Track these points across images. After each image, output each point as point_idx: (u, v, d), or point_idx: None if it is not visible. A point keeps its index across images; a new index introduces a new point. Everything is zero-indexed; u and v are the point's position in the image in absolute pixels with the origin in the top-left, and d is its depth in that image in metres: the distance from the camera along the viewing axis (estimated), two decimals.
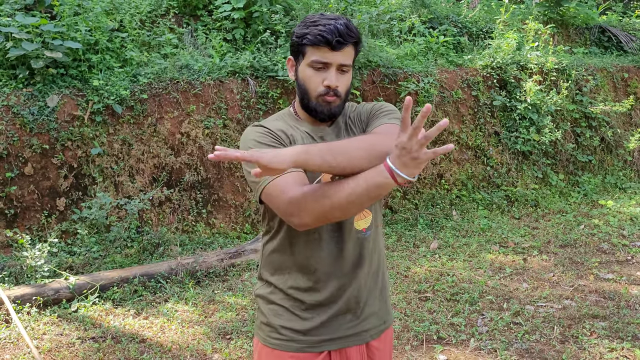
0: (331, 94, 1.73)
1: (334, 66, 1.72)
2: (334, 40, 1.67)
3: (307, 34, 1.71)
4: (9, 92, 5.19)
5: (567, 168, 7.89)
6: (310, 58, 1.73)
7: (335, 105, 1.76)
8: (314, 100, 1.76)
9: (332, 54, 1.70)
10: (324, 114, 1.76)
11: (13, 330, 3.91)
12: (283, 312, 1.82)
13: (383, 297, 1.91)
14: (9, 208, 5.01)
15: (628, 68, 9.16)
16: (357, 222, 1.79)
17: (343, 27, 1.69)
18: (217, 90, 6.02)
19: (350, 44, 1.72)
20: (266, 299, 1.86)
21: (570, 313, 4.24)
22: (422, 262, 5.27)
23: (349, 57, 1.74)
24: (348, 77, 1.77)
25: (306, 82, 1.76)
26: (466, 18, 9.20)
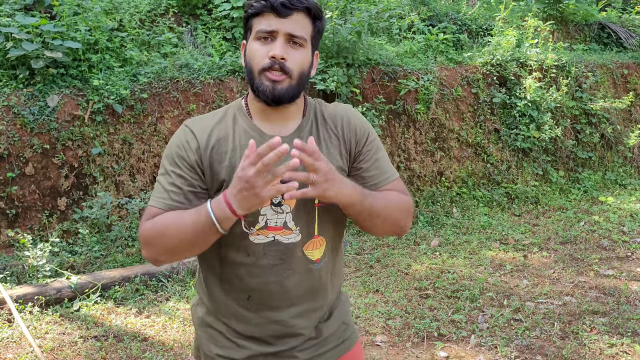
0: (277, 69, 1.47)
1: (282, 35, 1.48)
2: (278, 2, 1.46)
3: (252, 4, 1.51)
4: (9, 93, 5.20)
5: (567, 165, 7.90)
6: (255, 29, 1.51)
7: (283, 87, 1.48)
8: (257, 78, 1.50)
9: (278, 21, 1.47)
10: (265, 95, 1.49)
11: (16, 329, 3.92)
12: (219, 337, 1.64)
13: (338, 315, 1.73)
14: (10, 208, 5.03)
15: (628, 64, 9.16)
16: (309, 251, 1.59)
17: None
18: (217, 89, 6.03)
19: (301, 10, 1.49)
20: (201, 320, 1.70)
21: (571, 309, 4.25)
22: (423, 260, 5.28)
23: (301, 28, 1.49)
24: (302, 54, 1.51)
25: (251, 57, 1.51)
26: (466, 15, 9.20)
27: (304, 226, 1.57)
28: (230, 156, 1.54)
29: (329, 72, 6.32)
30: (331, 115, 1.64)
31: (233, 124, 1.58)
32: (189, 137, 1.55)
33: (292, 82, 1.50)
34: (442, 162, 7.08)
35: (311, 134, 1.59)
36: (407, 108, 6.90)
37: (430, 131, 7.07)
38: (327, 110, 1.66)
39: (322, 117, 1.63)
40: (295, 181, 1.30)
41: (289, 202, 1.55)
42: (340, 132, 1.61)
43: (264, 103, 1.52)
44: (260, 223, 1.55)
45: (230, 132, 1.57)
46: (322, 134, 1.61)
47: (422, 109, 6.94)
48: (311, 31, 1.53)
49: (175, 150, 1.55)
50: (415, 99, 6.97)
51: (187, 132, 1.56)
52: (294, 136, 1.57)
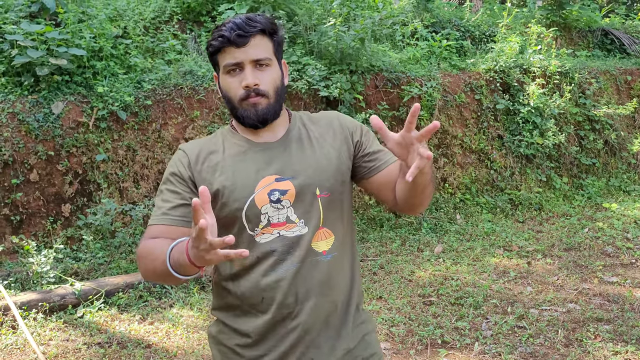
0: (253, 95, 1.56)
1: (247, 64, 1.55)
2: (233, 35, 1.52)
3: (211, 42, 1.58)
4: (14, 100, 5.22)
5: (571, 171, 7.89)
6: (222, 64, 1.58)
7: (263, 107, 1.57)
8: (239, 108, 1.59)
9: (240, 51, 1.54)
10: (251, 119, 1.58)
11: (20, 336, 3.93)
12: (232, 355, 1.65)
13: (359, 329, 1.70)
14: (14, 214, 5.05)
15: (631, 70, 9.15)
16: (316, 243, 1.60)
17: (242, 20, 1.55)
18: (221, 96, 6.04)
19: (256, 34, 1.55)
20: (215, 339, 1.71)
21: (575, 316, 4.24)
22: (426, 266, 5.27)
23: (262, 51, 1.56)
24: (271, 73, 1.59)
25: (227, 91, 1.60)
26: (469, 22, 9.22)
27: (308, 218, 1.60)
28: (221, 165, 1.61)
29: (332, 78, 6.34)
30: (320, 117, 1.73)
31: (223, 140, 1.67)
32: (180, 156, 1.64)
33: (270, 100, 1.58)
34: (445, 169, 7.07)
35: (300, 136, 1.66)
36: None
37: (434, 137, 7.07)
38: (314, 115, 1.75)
39: (310, 120, 1.71)
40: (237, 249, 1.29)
41: (288, 196, 1.58)
42: (338, 127, 1.69)
43: (252, 127, 1.61)
44: (263, 222, 1.58)
45: (220, 146, 1.65)
46: (313, 133, 1.68)
47: (426, 115, 6.94)
48: (272, 48, 1.60)
49: (169, 170, 1.63)
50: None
51: (180, 153, 1.65)
52: (283, 140, 1.64)
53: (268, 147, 1.63)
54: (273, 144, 1.64)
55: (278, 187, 1.58)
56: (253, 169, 1.60)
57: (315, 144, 1.65)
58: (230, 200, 1.57)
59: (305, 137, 1.67)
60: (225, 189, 1.58)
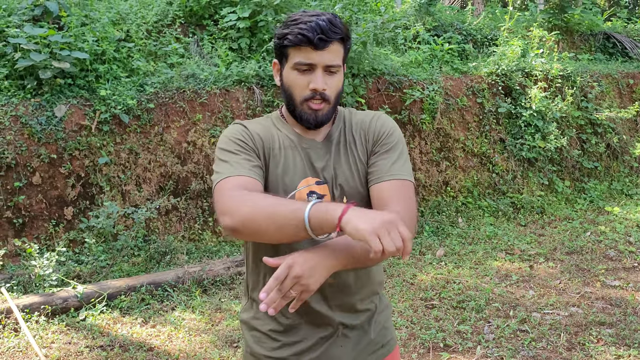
0: (318, 98, 1.59)
1: (320, 67, 1.57)
2: (316, 38, 1.52)
3: (288, 34, 1.57)
4: (17, 103, 5.24)
5: (573, 175, 7.89)
6: (293, 60, 1.58)
7: (324, 113, 1.62)
8: (299, 107, 1.62)
9: (317, 54, 1.55)
10: (309, 123, 1.63)
11: (22, 339, 3.93)
12: (265, 338, 1.70)
13: (379, 320, 1.79)
14: (17, 217, 5.05)
15: (633, 74, 9.15)
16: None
17: (326, 23, 1.54)
18: (223, 99, 6.06)
19: (335, 41, 1.56)
20: (248, 325, 1.76)
21: (577, 320, 4.23)
22: (428, 270, 5.27)
23: (336, 57, 1.58)
24: (338, 79, 1.62)
25: (291, 87, 1.62)
26: (471, 25, 9.23)
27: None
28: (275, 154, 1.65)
29: None
30: (358, 120, 1.75)
31: (276, 128, 1.71)
32: (246, 133, 1.65)
33: (330, 105, 1.63)
34: (447, 172, 7.08)
35: (339, 139, 1.71)
36: (412, 118, 6.92)
37: (436, 141, 7.08)
38: (356, 117, 1.76)
39: (350, 123, 1.74)
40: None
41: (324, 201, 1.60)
42: (363, 132, 1.72)
43: (306, 127, 1.66)
44: None
45: (276, 134, 1.69)
46: (348, 138, 1.72)
47: (428, 119, 6.95)
48: (343, 54, 1.62)
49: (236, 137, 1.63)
50: (420, 108, 6.98)
51: (243, 129, 1.66)
52: (326, 142, 1.70)
53: (313, 146, 1.68)
54: (318, 144, 1.69)
55: (317, 190, 1.64)
56: (300, 166, 1.66)
57: (348, 151, 1.70)
58: (276, 191, 1.62)
59: (342, 142, 1.71)
60: (275, 177, 1.63)
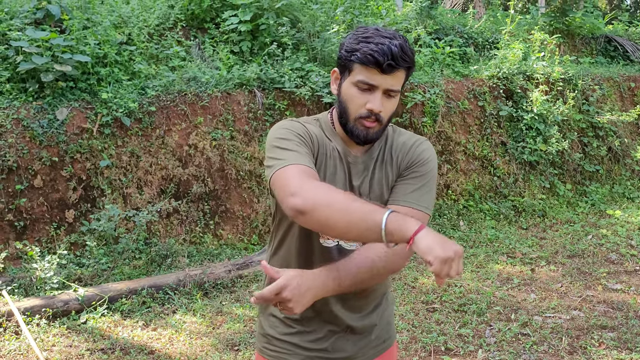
0: (372, 119, 1.61)
1: (381, 90, 1.58)
2: (386, 63, 1.53)
3: (357, 51, 1.56)
4: (19, 106, 5.24)
5: (575, 178, 7.88)
6: (356, 77, 1.59)
7: (374, 131, 1.64)
8: (352, 122, 1.64)
9: (381, 77, 1.56)
10: (359, 139, 1.65)
11: (23, 341, 3.93)
12: (279, 323, 1.79)
13: (386, 314, 1.88)
14: (18, 220, 5.06)
15: (635, 77, 9.15)
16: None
17: (397, 49, 1.54)
18: (225, 102, 6.07)
19: (402, 68, 1.58)
20: (265, 311, 1.85)
21: (579, 324, 4.23)
22: (430, 273, 5.26)
23: (398, 82, 1.60)
24: (394, 103, 1.64)
25: (348, 101, 1.63)
26: (472, 29, 9.23)
27: None
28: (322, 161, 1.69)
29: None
30: (400, 142, 1.76)
31: (326, 138, 1.73)
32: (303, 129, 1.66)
33: (381, 126, 1.65)
34: (448, 175, 7.07)
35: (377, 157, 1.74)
36: (413, 121, 6.92)
37: (437, 144, 7.08)
38: (400, 137, 1.78)
39: (392, 143, 1.76)
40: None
41: None
42: (402, 155, 1.74)
43: (355, 142, 1.68)
44: None
45: (327, 144, 1.71)
46: (386, 157, 1.75)
47: (429, 122, 6.95)
48: (404, 80, 1.63)
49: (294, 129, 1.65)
50: (421, 111, 6.98)
51: (302, 126, 1.67)
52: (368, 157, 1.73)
53: (355, 162, 1.72)
54: (359, 159, 1.72)
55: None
56: (341, 180, 1.70)
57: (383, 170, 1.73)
58: None
59: (380, 160, 1.74)
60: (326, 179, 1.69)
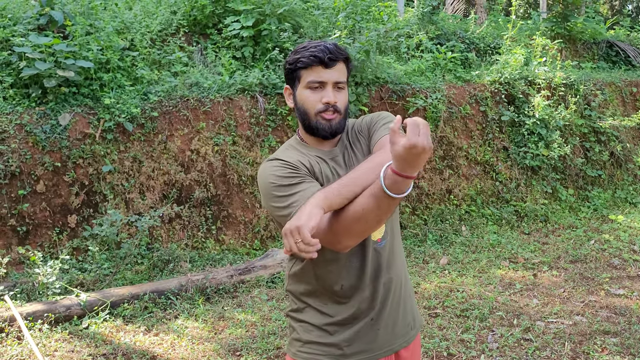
0: (330, 110, 1.80)
1: (330, 84, 1.80)
2: (326, 57, 1.77)
3: (300, 58, 1.80)
4: (22, 111, 5.26)
5: (577, 183, 7.87)
6: (306, 80, 1.81)
7: (337, 122, 1.83)
8: (313, 119, 1.82)
9: (326, 72, 1.79)
10: (325, 132, 1.83)
11: (25, 347, 3.93)
12: (313, 328, 1.89)
13: (408, 305, 1.97)
14: (21, 225, 5.07)
15: (636, 82, 9.15)
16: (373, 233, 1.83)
17: (332, 46, 1.79)
18: (227, 108, 6.08)
19: (341, 60, 1.81)
20: (296, 318, 1.94)
21: (581, 329, 4.21)
22: (432, 278, 5.26)
23: (342, 74, 1.83)
24: (345, 94, 1.85)
25: (305, 104, 1.83)
26: (474, 34, 9.25)
27: None
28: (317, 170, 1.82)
29: None
30: (357, 123, 1.97)
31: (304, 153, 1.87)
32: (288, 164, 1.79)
33: (341, 116, 1.84)
34: (450, 180, 7.07)
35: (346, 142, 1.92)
36: None
37: (439, 149, 7.08)
38: (356, 121, 1.97)
39: (351, 129, 1.95)
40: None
41: None
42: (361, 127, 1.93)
43: (322, 138, 1.84)
44: None
45: (309, 158, 1.85)
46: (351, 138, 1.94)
47: (431, 127, 6.95)
48: (347, 74, 1.86)
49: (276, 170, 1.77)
50: (423, 117, 6.99)
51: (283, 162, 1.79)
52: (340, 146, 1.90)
53: (334, 155, 1.89)
54: (336, 151, 1.89)
55: None
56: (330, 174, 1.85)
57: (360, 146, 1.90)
58: None
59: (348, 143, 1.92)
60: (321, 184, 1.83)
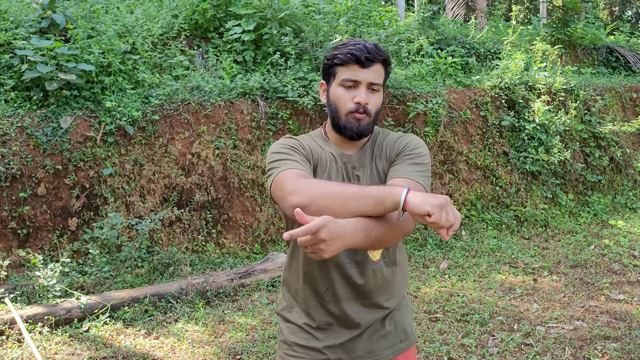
0: (361, 111, 1.77)
1: (364, 84, 1.77)
2: (363, 56, 1.73)
3: (337, 54, 1.77)
4: (23, 114, 5.27)
5: (577, 188, 7.88)
6: (340, 77, 1.78)
7: (365, 123, 1.79)
8: (343, 118, 1.80)
9: (362, 72, 1.75)
10: (352, 131, 1.80)
11: (25, 349, 3.93)
12: (298, 330, 1.87)
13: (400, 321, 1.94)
14: (21, 228, 5.07)
15: (636, 88, 9.17)
16: (371, 253, 1.83)
17: (372, 46, 1.76)
18: (228, 111, 6.09)
19: (379, 62, 1.77)
20: (283, 317, 1.93)
21: (582, 334, 4.21)
22: (432, 283, 5.26)
23: (378, 76, 1.78)
24: (378, 97, 1.82)
25: (337, 101, 1.80)
26: (474, 39, 9.27)
27: None
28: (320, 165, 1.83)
29: None
30: (390, 138, 1.92)
31: (321, 146, 1.89)
32: (297, 142, 1.83)
33: (370, 119, 1.81)
34: (450, 185, 7.08)
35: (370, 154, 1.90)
36: (415, 130, 6.93)
37: (439, 153, 7.09)
38: (388, 136, 1.94)
39: (382, 140, 1.92)
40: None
41: None
42: (389, 148, 1.90)
43: (349, 137, 1.82)
44: None
45: (318, 147, 1.88)
46: (375, 152, 1.91)
47: (431, 132, 6.96)
48: (384, 76, 1.82)
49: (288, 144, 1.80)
50: (424, 121, 7.00)
51: (294, 140, 1.84)
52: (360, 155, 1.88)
53: (350, 160, 1.87)
54: (353, 158, 1.87)
55: None
56: (340, 178, 1.84)
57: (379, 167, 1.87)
58: None
59: (370, 156, 1.88)
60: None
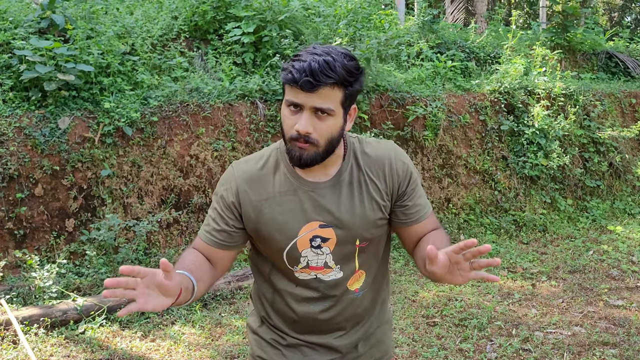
0: (301, 141, 1.49)
1: (307, 109, 1.46)
2: (302, 80, 1.42)
3: (284, 69, 1.49)
4: (21, 114, 5.25)
5: (576, 193, 7.87)
6: (286, 97, 1.51)
7: (309, 154, 1.50)
8: (288, 144, 1.53)
9: (305, 95, 1.45)
10: (294, 161, 1.53)
11: (21, 351, 3.90)
12: (266, 345, 1.77)
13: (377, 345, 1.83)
14: (18, 229, 5.04)
15: (636, 93, 9.17)
16: (351, 284, 1.69)
17: (320, 65, 1.42)
18: (227, 113, 6.07)
19: (326, 85, 1.44)
20: (252, 329, 1.83)
21: (580, 340, 4.20)
22: (430, 287, 5.24)
23: (329, 100, 1.46)
24: (330, 124, 1.49)
25: (283, 123, 1.55)
26: (474, 43, 9.27)
27: (345, 264, 1.66)
28: (269, 202, 1.61)
29: None
30: (373, 157, 1.65)
31: (274, 170, 1.64)
32: (231, 178, 1.65)
33: (318, 149, 1.51)
34: (449, 189, 7.06)
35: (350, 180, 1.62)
36: (415, 134, 6.92)
37: (438, 157, 7.08)
38: (368, 150, 1.66)
39: (362, 160, 1.64)
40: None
41: (329, 244, 1.61)
42: (382, 175, 1.64)
43: (296, 165, 1.57)
44: (302, 263, 1.64)
45: (271, 178, 1.62)
46: (361, 178, 1.63)
47: (430, 136, 6.96)
48: (341, 98, 1.49)
49: (220, 189, 1.67)
50: (423, 125, 6.99)
51: (231, 174, 1.66)
52: (334, 182, 1.61)
53: (317, 188, 1.60)
54: (322, 185, 1.60)
55: (321, 234, 1.61)
56: (300, 212, 1.59)
57: (363, 191, 1.62)
58: (273, 240, 1.62)
59: (355, 181, 1.62)
60: (269, 229, 1.62)
